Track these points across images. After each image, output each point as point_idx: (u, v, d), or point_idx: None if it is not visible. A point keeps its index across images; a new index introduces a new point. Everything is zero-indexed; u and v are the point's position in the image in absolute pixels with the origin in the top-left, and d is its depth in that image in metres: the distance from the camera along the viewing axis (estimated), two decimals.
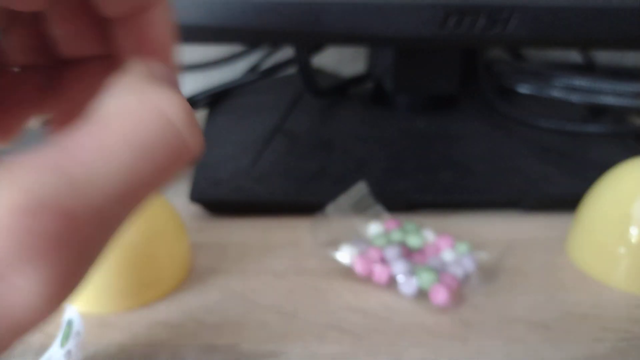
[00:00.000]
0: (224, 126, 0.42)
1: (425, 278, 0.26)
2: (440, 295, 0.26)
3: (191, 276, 0.29)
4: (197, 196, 0.34)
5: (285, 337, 0.25)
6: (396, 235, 0.30)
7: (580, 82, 0.38)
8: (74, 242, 0.10)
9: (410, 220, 0.32)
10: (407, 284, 0.27)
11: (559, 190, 0.35)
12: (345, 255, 0.28)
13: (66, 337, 0.21)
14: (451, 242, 0.30)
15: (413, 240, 0.30)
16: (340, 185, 0.34)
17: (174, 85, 0.13)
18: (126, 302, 0.26)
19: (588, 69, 0.52)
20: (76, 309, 0.22)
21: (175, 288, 0.28)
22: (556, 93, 0.38)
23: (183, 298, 0.27)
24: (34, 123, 0.16)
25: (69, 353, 0.21)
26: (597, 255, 0.29)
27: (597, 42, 0.32)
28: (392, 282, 0.28)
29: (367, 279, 0.28)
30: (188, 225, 0.34)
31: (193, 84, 0.60)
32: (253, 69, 0.57)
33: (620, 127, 0.40)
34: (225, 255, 0.31)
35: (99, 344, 0.24)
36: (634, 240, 0.27)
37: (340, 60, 0.60)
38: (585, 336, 0.25)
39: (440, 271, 0.27)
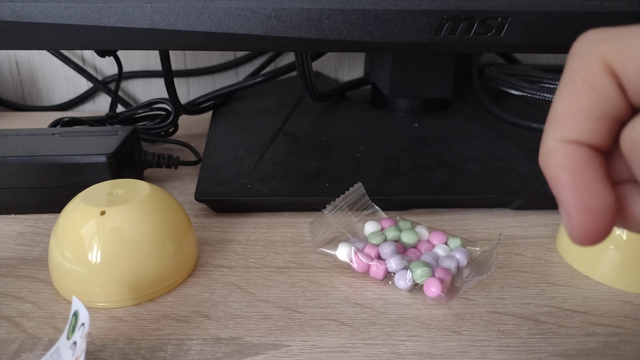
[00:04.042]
0: (227, 128, 0.43)
1: (420, 273, 0.27)
2: (434, 289, 0.26)
3: (197, 271, 0.30)
4: (203, 195, 0.35)
5: (287, 330, 0.25)
6: (391, 233, 0.31)
7: None
8: None
9: (405, 219, 0.32)
10: (402, 278, 0.27)
11: (550, 189, 0.35)
12: (343, 252, 0.29)
13: (72, 329, 0.22)
14: (444, 238, 0.31)
15: (407, 237, 0.30)
16: (339, 185, 0.35)
17: None
18: (134, 297, 0.27)
19: None
20: (82, 301, 0.22)
21: (181, 283, 0.29)
22: (547, 95, 0.38)
23: (189, 292, 0.28)
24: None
25: (74, 344, 0.21)
26: (587, 252, 0.29)
27: None
28: (388, 277, 0.28)
29: (364, 275, 0.29)
30: (194, 223, 0.34)
31: (198, 87, 0.62)
32: (255, 73, 0.58)
33: None
34: (229, 251, 0.31)
35: (107, 337, 0.24)
36: (623, 237, 0.28)
37: (339, 65, 0.61)
38: (576, 331, 0.25)
39: (433, 266, 0.28)
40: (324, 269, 0.30)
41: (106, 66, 0.60)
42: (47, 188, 0.34)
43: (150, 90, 0.61)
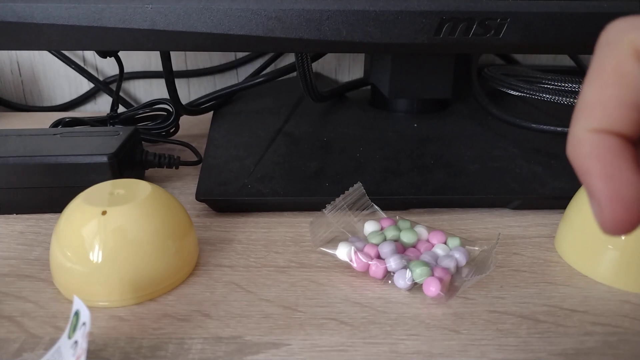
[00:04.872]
0: (228, 129, 0.43)
1: (419, 272, 0.27)
2: (433, 288, 0.26)
3: (198, 271, 0.30)
4: (203, 195, 0.35)
5: (287, 329, 0.25)
6: (391, 233, 0.31)
7: (569, 85, 0.39)
8: None
9: (405, 219, 0.33)
10: (402, 278, 0.27)
11: (549, 189, 0.35)
12: (343, 251, 0.29)
13: (73, 329, 0.22)
14: (443, 238, 0.31)
15: (407, 237, 0.30)
16: (339, 185, 0.35)
17: None
18: (135, 296, 0.27)
19: (577, 72, 0.53)
20: (84, 301, 0.22)
21: (182, 282, 0.29)
22: (546, 95, 0.38)
23: (190, 292, 0.28)
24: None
25: (75, 343, 0.21)
26: (585, 251, 0.29)
27: (588, 47, 0.32)
28: (387, 277, 0.28)
29: (364, 274, 0.29)
30: (195, 223, 0.35)
31: (199, 88, 0.62)
32: (256, 74, 0.58)
33: None
34: (230, 251, 0.32)
35: (109, 337, 0.24)
36: (621, 237, 0.28)
37: (339, 66, 0.61)
38: (575, 330, 0.25)
39: (433, 265, 0.28)
40: (324, 268, 0.30)
41: (107, 67, 0.60)
42: (48, 188, 0.34)
43: (151, 90, 0.61)
